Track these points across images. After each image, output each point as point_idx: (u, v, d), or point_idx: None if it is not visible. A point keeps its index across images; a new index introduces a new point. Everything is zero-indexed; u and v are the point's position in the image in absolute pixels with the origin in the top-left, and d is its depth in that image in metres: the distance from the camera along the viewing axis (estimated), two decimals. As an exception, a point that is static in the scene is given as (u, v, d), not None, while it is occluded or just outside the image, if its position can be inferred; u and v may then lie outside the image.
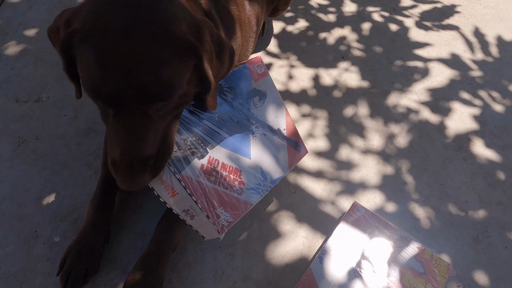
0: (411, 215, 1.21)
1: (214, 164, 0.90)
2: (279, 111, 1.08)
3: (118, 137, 0.68)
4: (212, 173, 0.89)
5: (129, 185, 0.70)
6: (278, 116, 1.07)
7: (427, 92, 1.61)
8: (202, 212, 0.86)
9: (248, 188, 0.94)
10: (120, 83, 0.63)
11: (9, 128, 1.35)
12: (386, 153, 1.38)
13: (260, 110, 1.03)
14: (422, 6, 2.05)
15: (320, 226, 1.17)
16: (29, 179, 1.22)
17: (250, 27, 1.33)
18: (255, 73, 1.04)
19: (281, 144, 1.05)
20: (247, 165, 0.96)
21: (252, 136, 1.00)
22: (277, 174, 1.02)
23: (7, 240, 1.09)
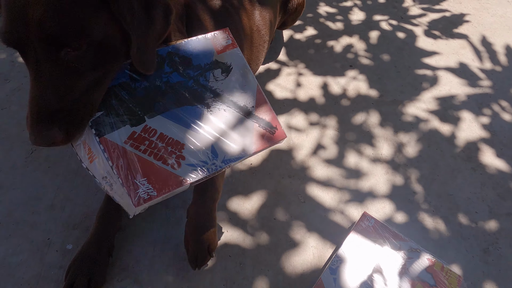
0: (421, 226, 1.21)
1: (150, 133, 0.82)
2: (247, 86, 0.96)
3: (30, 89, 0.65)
4: (144, 142, 0.81)
5: (37, 140, 0.64)
6: (246, 92, 0.96)
7: (436, 101, 1.62)
8: (118, 180, 0.77)
9: (188, 164, 0.83)
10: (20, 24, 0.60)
11: (22, 135, 1.38)
12: (395, 162, 1.38)
13: (222, 83, 0.93)
14: (430, 14, 2.06)
15: (330, 235, 1.18)
16: (42, 187, 1.24)
17: (260, 36, 1.34)
18: (218, 44, 0.95)
19: (246, 122, 0.93)
20: (193, 140, 0.86)
21: (207, 110, 0.89)
22: (235, 154, 0.89)
23: (21, 247, 1.11)
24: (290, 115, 1.51)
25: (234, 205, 1.23)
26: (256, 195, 1.26)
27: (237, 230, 1.17)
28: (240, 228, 1.18)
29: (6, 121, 1.41)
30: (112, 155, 0.77)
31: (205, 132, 0.87)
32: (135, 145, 0.80)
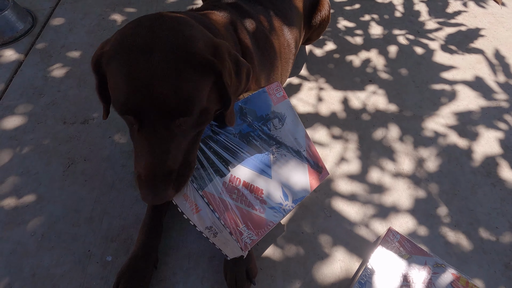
0: (443, 240, 1.26)
1: (235, 182, 0.94)
2: (298, 133, 1.11)
3: (142, 152, 0.71)
4: (234, 191, 0.93)
5: (153, 199, 0.71)
6: (297, 137, 1.10)
7: (454, 116, 1.66)
8: (225, 229, 0.88)
9: (270, 207, 0.98)
10: (143, 97, 0.67)
11: (59, 149, 1.44)
12: (417, 177, 1.43)
13: (280, 132, 1.07)
14: (446, 29, 2.10)
15: (356, 249, 1.23)
16: (80, 200, 1.30)
17: (290, 49, 1.40)
18: (274, 96, 1.09)
19: (302, 165, 1.08)
20: (268, 184, 1.00)
21: (273, 156, 1.03)
22: (299, 194, 1.05)
23: (64, 259, 1.17)
24: (313, 130, 1.57)
25: (263, 219, 1.29)
26: (283, 209, 1.31)
27: (267, 243, 1.23)
28: (270, 241, 1.23)
29: (42, 135, 1.48)
30: (215, 207, 0.89)
31: (275, 177, 1.02)
32: (229, 194, 0.92)
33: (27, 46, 1.84)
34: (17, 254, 1.18)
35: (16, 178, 1.35)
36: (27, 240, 1.21)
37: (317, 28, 1.63)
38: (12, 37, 1.84)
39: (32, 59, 1.78)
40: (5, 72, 1.70)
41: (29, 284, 1.12)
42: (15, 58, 1.77)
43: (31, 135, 1.48)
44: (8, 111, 1.56)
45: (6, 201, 1.29)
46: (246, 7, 1.23)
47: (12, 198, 1.30)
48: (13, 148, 1.43)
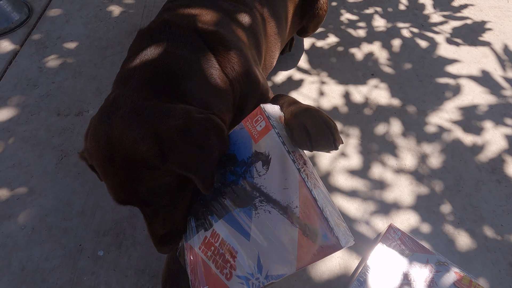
0: (446, 238, 1.22)
1: (215, 238, 0.84)
2: (289, 180, 0.74)
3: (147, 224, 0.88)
4: (210, 248, 0.84)
5: (161, 252, 0.91)
6: (287, 187, 0.74)
7: (459, 111, 1.61)
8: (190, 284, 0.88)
9: (237, 276, 0.79)
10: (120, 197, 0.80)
11: (52, 141, 1.41)
12: (419, 173, 1.39)
13: (265, 179, 0.77)
14: (451, 22, 2.05)
15: (355, 247, 1.19)
16: (73, 193, 1.27)
17: (275, 38, 1.34)
18: (254, 131, 0.80)
19: (290, 229, 0.73)
20: (244, 247, 0.79)
21: (255, 212, 0.78)
22: (277, 269, 0.74)
23: (54, 253, 1.14)
24: (313, 124, 1.52)
25: (260, 214, 1.25)
26: (281, 204, 1.28)
27: (264, 239, 1.19)
28: (266, 237, 1.19)
29: (36, 127, 1.45)
30: (190, 261, 0.88)
31: (253, 240, 0.78)
32: (205, 251, 0.86)
33: (22, 37, 1.80)
34: (7, 248, 1.15)
35: (8, 170, 1.32)
36: (17, 233, 1.17)
37: (313, 17, 1.58)
38: (7, 28, 1.81)
39: (27, 50, 1.74)
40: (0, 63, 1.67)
41: (18, 279, 1.08)
42: (10, 49, 1.74)
43: (24, 126, 1.45)
44: (1, 102, 1.52)
45: (-3, 194, 1.26)
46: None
47: (2, 190, 1.27)
48: (5, 140, 1.40)
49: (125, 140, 0.75)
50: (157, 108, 0.77)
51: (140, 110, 0.77)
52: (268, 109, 0.81)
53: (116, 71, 0.99)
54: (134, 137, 0.75)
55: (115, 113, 0.77)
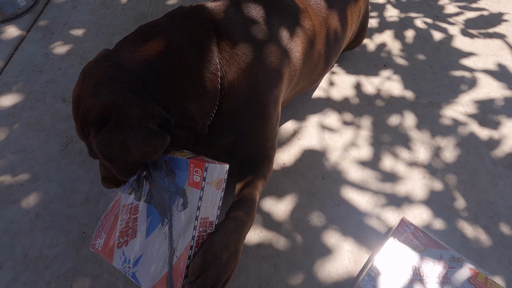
0: (460, 234, 1.17)
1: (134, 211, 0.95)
2: (184, 235, 0.87)
3: None
4: (127, 214, 0.95)
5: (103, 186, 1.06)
6: (181, 237, 0.87)
7: (474, 104, 1.56)
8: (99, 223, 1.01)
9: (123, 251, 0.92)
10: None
11: (57, 128, 1.38)
12: (433, 166, 1.34)
13: (177, 215, 0.88)
14: (467, 13, 1.99)
15: (366, 240, 1.15)
16: (77, 180, 1.25)
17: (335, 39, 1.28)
18: (191, 175, 0.89)
19: (164, 263, 0.87)
20: (141, 239, 0.91)
21: (161, 226, 0.90)
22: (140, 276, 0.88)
23: (57, 240, 1.12)
24: (323, 115, 1.48)
25: (267, 205, 1.22)
26: (289, 196, 1.24)
27: (271, 231, 1.16)
28: (274, 229, 1.16)
29: (41, 112, 1.43)
30: (111, 208, 1.00)
31: (148, 242, 0.90)
32: (124, 212, 0.96)
33: (29, 23, 1.78)
34: (10, 234, 1.13)
35: (12, 155, 1.30)
36: (21, 219, 1.16)
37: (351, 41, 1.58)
38: (14, 14, 1.79)
39: (34, 36, 1.72)
40: (6, 49, 1.65)
41: (21, 265, 1.07)
42: (17, 35, 1.72)
43: (29, 112, 1.43)
44: (7, 87, 1.50)
45: (1, 179, 1.24)
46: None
47: (6, 176, 1.25)
48: (10, 126, 1.38)
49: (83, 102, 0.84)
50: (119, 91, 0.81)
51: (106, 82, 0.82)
52: (210, 169, 0.87)
53: None
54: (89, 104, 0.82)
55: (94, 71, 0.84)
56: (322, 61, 1.24)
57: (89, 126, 0.83)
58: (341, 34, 1.29)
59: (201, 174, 0.87)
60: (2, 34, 1.71)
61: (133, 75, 0.83)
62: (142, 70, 0.84)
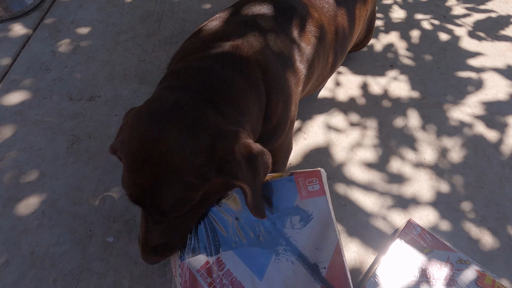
0: (467, 236, 1.17)
1: (220, 266, 0.83)
2: (325, 243, 0.83)
3: (141, 226, 0.83)
4: (212, 275, 0.82)
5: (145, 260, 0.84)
6: (321, 248, 0.82)
7: (482, 105, 1.55)
8: None
9: None
10: (138, 194, 0.74)
11: (64, 126, 1.39)
12: (439, 167, 1.33)
13: (298, 233, 0.83)
14: (475, 14, 1.97)
15: (372, 241, 1.15)
16: (83, 178, 1.25)
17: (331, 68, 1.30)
18: (304, 188, 0.85)
19: (311, 283, 0.80)
20: (253, 286, 0.81)
21: (275, 257, 0.82)
22: None
23: (64, 238, 1.12)
24: (329, 115, 1.48)
25: (273, 205, 1.21)
26: (295, 196, 1.24)
27: (277, 231, 1.15)
28: (279, 229, 1.16)
29: (48, 111, 1.43)
30: (183, 281, 0.82)
31: (266, 281, 0.81)
32: (204, 276, 0.82)
33: (36, 21, 1.79)
34: (17, 231, 1.13)
35: (19, 153, 1.31)
36: (27, 217, 1.16)
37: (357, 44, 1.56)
38: (21, 11, 1.80)
39: (41, 34, 1.73)
40: (13, 47, 1.66)
41: (28, 262, 1.07)
42: (23, 33, 1.72)
43: (36, 110, 1.43)
44: (14, 85, 1.51)
45: (7, 177, 1.24)
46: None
47: (13, 173, 1.25)
48: (17, 123, 1.39)
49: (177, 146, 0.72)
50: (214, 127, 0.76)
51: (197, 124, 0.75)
52: (323, 173, 0.86)
53: (129, 56, 0.97)
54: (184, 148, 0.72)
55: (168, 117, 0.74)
56: (329, 64, 1.26)
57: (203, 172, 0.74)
58: (348, 37, 1.29)
59: (319, 180, 0.86)
60: (9, 32, 1.72)
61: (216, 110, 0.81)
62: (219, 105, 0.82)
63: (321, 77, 1.25)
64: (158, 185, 0.72)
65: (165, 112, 0.74)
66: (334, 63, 1.28)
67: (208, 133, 0.75)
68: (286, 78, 1.02)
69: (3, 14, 1.76)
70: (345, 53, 1.33)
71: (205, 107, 0.78)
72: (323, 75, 1.26)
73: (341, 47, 1.28)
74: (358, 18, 1.32)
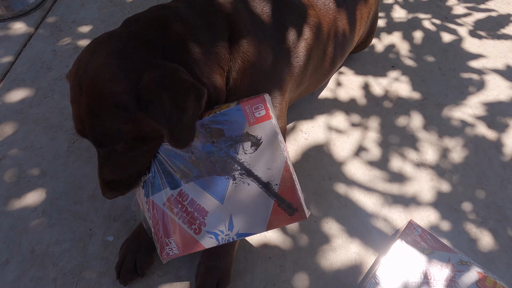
0: (467, 237, 1.16)
1: (183, 197, 0.92)
2: (275, 163, 0.90)
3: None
4: (177, 205, 0.92)
5: (104, 196, 0.92)
6: (272, 168, 0.90)
7: (483, 106, 1.54)
8: (153, 236, 0.95)
9: (207, 231, 0.92)
10: (79, 126, 0.81)
11: (65, 124, 1.39)
12: (441, 168, 1.33)
13: (250, 157, 0.89)
14: (475, 14, 1.97)
15: (373, 242, 1.14)
16: (84, 177, 1.25)
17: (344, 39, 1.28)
18: (251, 115, 0.89)
19: (266, 200, 0.90)
20: (216, 209, 0.91)
21: (233, 182, 0.90)
22: (249, 229, 0.92)
23: (64, 237, 1.12)
24: (330, 115, 1.48)
25: (274, 205, 1.21)
26: (296, 196, 1.24)
27: (277, 231, 1.15)
28: (280, 229, 1.16)
29: (49, 109, 1.43)
30: (152, 215, 0.94)
31: (227, 204, 0.91)
32: (171, 207, 0.92)
33: (37, 20, 1.79)
34: (17, 230, 1.13)
35: (20, 152, 1.31)
36: (28, 215, 1.16)
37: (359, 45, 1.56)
38: (22, 10, 1.80)
39: (42, 33, 1.73)
40: (14, 45, 1.66)
41: (28, 261, 1.07)
42: (25, 32, 1.72)
43: (37, 109, 1.43)
44: (15, 84, 1.51)
45: (8, 175, 1.24)
46: None
47: (14, 172, 1.25)
48: (18, 122, 1.39)
49: (101, 73, 0.75)
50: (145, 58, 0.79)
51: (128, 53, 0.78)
52: (268, 98, 0.91)
53: None
54: (112, 74, 0.75)
55: (103, 46, 0.79)
56: (327, 61, 1.24)
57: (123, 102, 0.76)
58: (348, 36, 1.29)
59: (265, 106, 0.89)
60: (10, 31, 1.72)
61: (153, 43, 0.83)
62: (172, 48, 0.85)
63: (320, 72, 1.24)
64: (89, 114, 0.77)
65: (103, 40, 0.80)
66: (334, 58, 1.26)
67: (133, 61, 0.77)
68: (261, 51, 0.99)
69: (5, 12, 1.77)
70: (345, 50, 1.33)
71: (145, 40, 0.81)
72: (322, 69, 1.24)
73: (340, 47, 1.27)
74: (360, 17, 1.32)
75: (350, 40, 1.31)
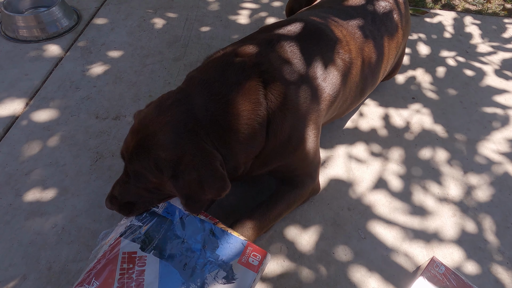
0: (494, 279, 1.12)
1: (140, 263, 0.93)
2: None
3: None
4: (129, 265, 0.92)
5: (106, 204, 1.07)
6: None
7: (507, 142, 1.52)
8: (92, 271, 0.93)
9: None
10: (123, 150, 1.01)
11: (89, 143, 1.42)
12: (464, 204, 1.30)
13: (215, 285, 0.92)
14: (500, 53, 1.97)
15: (392, 278, 1.11)
16: (104, 195, 1.25)
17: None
18: (246, 256, 0.96)
19: None
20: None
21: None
22: None
23: (81, 255, 1.12)
24: (350, 145, 1.47)
25: (291, 234, 1.19)
26: (314, 225, 1.22)
27: (294, 261, 1.13)
28: (297, 259, 1.13)
29: (74, 128, 1.47)
30: (107, 253, 0.94)
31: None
32: (125, 261, 0.92)
33: (69, 42, 1.87)
34: (36, 245, 1.14)
35: (44, 168, 1.34)
36: (47, 232, 1.17)
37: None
38: (56, 33, 1.89)
39: (73, 54, 1.80)
40: (46, 65, 1.73)
41: (44, 277, 1.07)
42: (57, 53, 1.80)
43: (64, 127, 1.48)
44: (44, 102, 1.57)
45: (32, 191, 1.27)
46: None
47: (37, 188, 1.28)
48: (44, 139, 1.43)
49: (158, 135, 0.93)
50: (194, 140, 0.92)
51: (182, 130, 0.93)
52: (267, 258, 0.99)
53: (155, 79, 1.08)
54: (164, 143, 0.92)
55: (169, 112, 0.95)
56: (358, 92, 1.28)
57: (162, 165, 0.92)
58: (379, 68, 1.32)
59: (261, 260, 0.96)
60: (44, 52, 1.80)
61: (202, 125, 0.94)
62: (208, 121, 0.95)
63: (349, 100, 1.26)
64: (133, 150, 0.95)
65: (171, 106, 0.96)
66: (364, 88, 1.30)
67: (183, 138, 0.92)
68: (299, 96, 1.04)
69: (40, 34, 1.86)
70: (376, 79, 1.36)
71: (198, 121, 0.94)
72: (351, 98, 1.27)
73: (371, 79, 1.29)
74: (388, 51, 1.35)
75: (379, 72, 1.34)
